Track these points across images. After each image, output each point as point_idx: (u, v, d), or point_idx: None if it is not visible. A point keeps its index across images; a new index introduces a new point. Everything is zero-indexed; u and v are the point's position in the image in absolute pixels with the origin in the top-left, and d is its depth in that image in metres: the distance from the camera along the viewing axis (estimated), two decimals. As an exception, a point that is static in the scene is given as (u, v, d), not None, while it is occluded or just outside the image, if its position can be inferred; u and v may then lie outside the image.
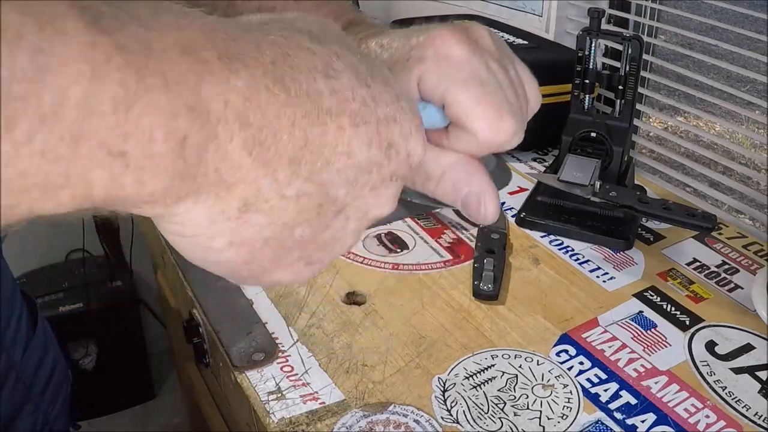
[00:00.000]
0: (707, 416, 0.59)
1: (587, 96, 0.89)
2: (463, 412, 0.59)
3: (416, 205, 0.94)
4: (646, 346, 0.67)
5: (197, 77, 0.24)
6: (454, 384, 0.62)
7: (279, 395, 0.60)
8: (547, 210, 0.87)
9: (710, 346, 0.67)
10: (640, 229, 0.86)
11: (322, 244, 0.29)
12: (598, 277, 0.77)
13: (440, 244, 0.83)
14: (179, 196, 0.25)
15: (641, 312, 0.72)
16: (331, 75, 0.27)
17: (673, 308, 0.72)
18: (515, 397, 0.61)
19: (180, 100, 0.23)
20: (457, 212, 0.90)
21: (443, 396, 0.61)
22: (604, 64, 1.11)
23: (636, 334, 0.68)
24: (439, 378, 0.63)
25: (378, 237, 0.84)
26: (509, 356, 0.65)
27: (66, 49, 0.21)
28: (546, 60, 1.05)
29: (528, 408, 0.60)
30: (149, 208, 0.26)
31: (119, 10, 0.23)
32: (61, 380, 0.72)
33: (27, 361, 0.65)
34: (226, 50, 0.25)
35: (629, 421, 0.59)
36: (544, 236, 0.85)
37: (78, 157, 0.22)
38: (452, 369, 0.64)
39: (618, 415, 0.59)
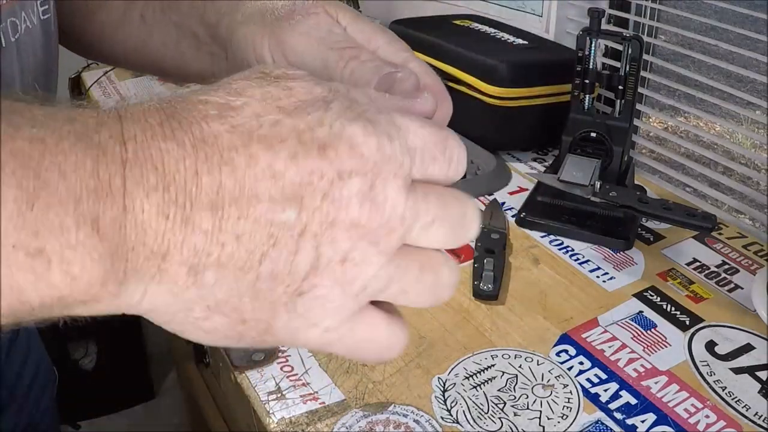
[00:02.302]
0: (707, 416, 0.59)
1: (587, 96, 0.89)
2: (463, 412, 0.59)
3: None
4: (646, 346, 0.67)
5: (93, 160, 0.24)
6: (454, 384, 0.62)
7: (279, 395, 0.60)
8: (547, 210, 0.87)
9: (710, 346, 0.67)
10: (640, 229, 0.86)
11: (302, 269, 0.27)
12: (598, 277, 0.77)
13: (440, 244, 0.83)
14: (118, 279, 0.25)
15: (641, 312, 0.72)
16: (227, 114, 0.27)
17: (673, 308, 0.72)
18: (515, 397, 0.61)
19: (80, 185, 0.24)
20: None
21: (443, 396, 0.61)
22: (604, 64, 1.11)
23: (636, 334, 0.68)
24: (439, 378, 0.63)
25: (378, 237, 0.84)
26: (509, 356, 0.65)
27: None
28: (546, 60, 1.05)
29: (528, 408, 0.60)
30: (98, 304, 0.26)
31: (15, 115, 0.24)
32: (46, 380, 0.72)
33: (10, 364, 0.65)
34: (116, 129, 0.25)
35: (629, 421, 0.59)
36: (544, 236, 0.85)
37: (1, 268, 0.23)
38: (452, 369, 0.64)
39: (618, 415, 0.59)
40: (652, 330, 0.69)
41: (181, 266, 0.26)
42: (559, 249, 0.82)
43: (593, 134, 0.87)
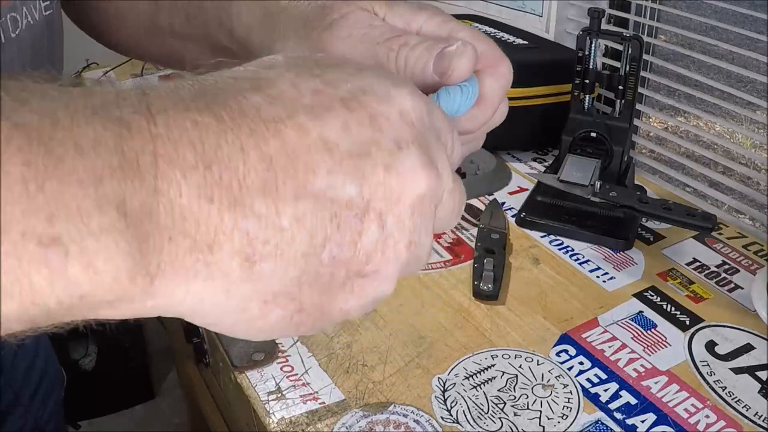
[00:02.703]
0: (707, 416, 0.59)
1: (587, 96, 0.89)
2: (463, 412, 0.59)
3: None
4: (646, 346, 0.67)
5: (115, 136, 0.21)
6: (454, 384, 0.62)
7: (279, 395, 0.60)
8: (547, 210, 0.87)
9: (710, 346, 0.67)
10: (640, 229, 0.86)
11: (367, 252, 0.25)
12: (598, 277, 0.77)
13: (440, 244, 0.83)
14: (151, 275, 0.22)
15: (641, 312, 0.72)
16: (262, 87, 0.24)
17: (673, 308, 0.72)
18: (515, 397, 0.61)
19: (102, 162, 0.20)
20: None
21: (443, 396, 0.61)
22: (604, 64, 1.11)
23: (636, 334, 0.68)
24: (439, 378, 0.63)
25: (378, 237, 0.84)
26: (509, 356, 0.65)
27: None
28: (546, 60, 1.05)
29: (528, 408, 0.60)
30: (129, 304, 0.22)
31: (21, 91, 0.21)
32: (53, 383, 0.71)
33: (16, 366, 0.65)
34: (139, 103, 0.22)
35: (629, 421, 0.59)
36: (544, 236, 0.85)
37: (6, 260, 0.19)
38: (452, 369, 0.64)
39: (618, 415, 0.59)
40: (652, 330, 0.69)
41: (233, 257, 0.23)
42: (559, 249, 0.82)
43: (593, 134, 0.87)
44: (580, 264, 0.79)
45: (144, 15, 0.51)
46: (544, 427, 0.58)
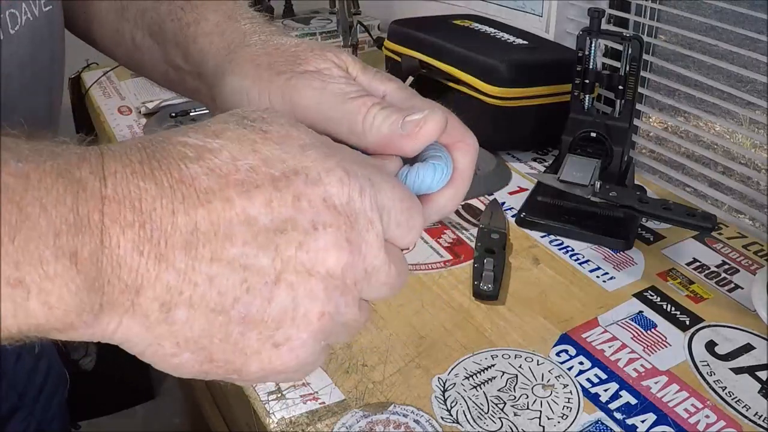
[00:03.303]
0: (707, 416, 0.59)
1: (587, 96, 0.89)
2: (463, 412, 0.59)
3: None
4: (646, 346, 0.67)
5: (73, 196, 0.25)
6: (454, 384, 0.62)
7: (279, 395, 0.60)
8: (547, 210, 0.87)
9: (710, 346, 0.67)
10: (640, 229, 0.86)
11: (276, 318, 0.28)
12: (598, 277, 0.77)
13: (440, 244, 0.83)
14: (94, 311, 0.26)
15: (641, 312, 0.72)
16: (204, 157, 0.27)
17: (673, 308, 0.72)
18: (515, 397, 0.61)
19: (59, 220, 0.25)
20: (457, 212, 0.90)
21: (443, 396, 0.61)
22: (604, 64, 1.11)
23: (636, 334, 0.68)
24: (439, 378, 0.63)
25: (378, 237, 0.84)
26: (509, 356, 0.65)
27: None
28: (546, 60, 1.05)
29: (528, 408, 0.60)
30: (73, 332, 0.27)
31: (2, 150, 0.25)
32: (57, 384, 0.71)
33: (19, 368, 0.64)
34: (97, 165, 0.26)
35: (629, 421, 0.59)
36: (544, 236, 0.85)
37: None
38: (452, 369, 0.64)
39: (618, 415, 0.59)
40: (652, 330, 0.69)
41: (153, 302, 0.27)
42: (559, 249, 0.82)
43: (593, 134, 0.87)
44: (580, 264, 0.79)
45: (108, 24, 0.52)
46: (544, 427, 0.58)
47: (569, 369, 0.64)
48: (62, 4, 0.54)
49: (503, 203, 0.92)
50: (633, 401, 0.61)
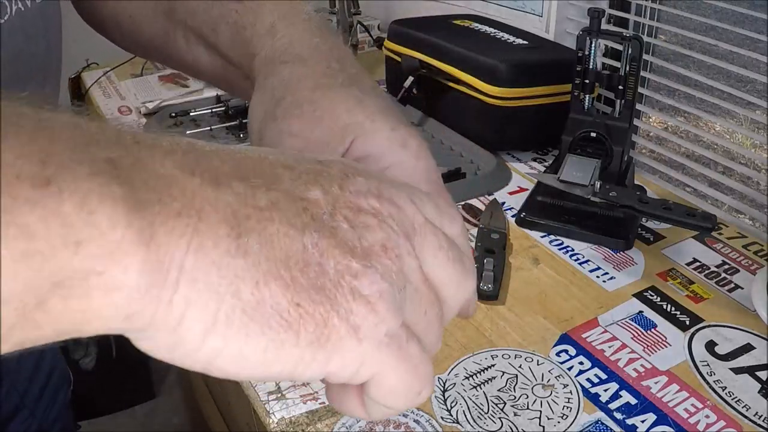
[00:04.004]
0: (707, 416, 0.59)
1: (587, 96, 0.89)
2: (463, 412, 0.59)
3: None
4: (646, 346, 0.67)
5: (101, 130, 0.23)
6: (454, 384, 0.62)
7: (279, 395, 0.60)
8: (547, 210, 0.87)
9: (710, 346, 0.67)
10: (640, 229, 0.86)
11: (345, 248, 0.26)
12: (598, 277, 0.77)
13: (440, 244, 0.83)
14: (146, 234, 0.22)
15: (641, 312, 0.72)
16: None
17: (673, 308, 0.72)
18: (515, 397, 0.61)
19: (90, 130, 0.22)
20: (457, 212, 0.90)
21: (443, 396, 0.61)
22: (604, 64, 1.11)
23: (636, 334, 0.68)
24: (439, 378, 0.63)
25: (378, 237, 0.84)
26: (509, 356, 0.65)
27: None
28: (546, 60, 1.05)
29: (528, 408, 0.60)
30: (122, 277, 0.21)
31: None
32: (59, 384, 0.70)
33: (21, 368, 0.64)
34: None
35: (629, 421, 0.59)
36: (544, 236, 0.85)
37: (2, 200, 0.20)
38: (452, 369, 0.64)
39: (618, 415, 0.59)
40: (652, 330, 0.69)
41: (220, 225, 0.23)
42: (559, 249, 0.82)
43: (593, 134, 0.87)
44: (580, 264, 0.79)
45: (158, 27, 0.50)
46: (544, 427, 0.58)
47: (569, 369, 0.64)
48: (103, 11, 0.53)
49: (503, 203, 0.92)
50: (633, 401, 0.61)
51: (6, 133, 0.20)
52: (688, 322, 0.70)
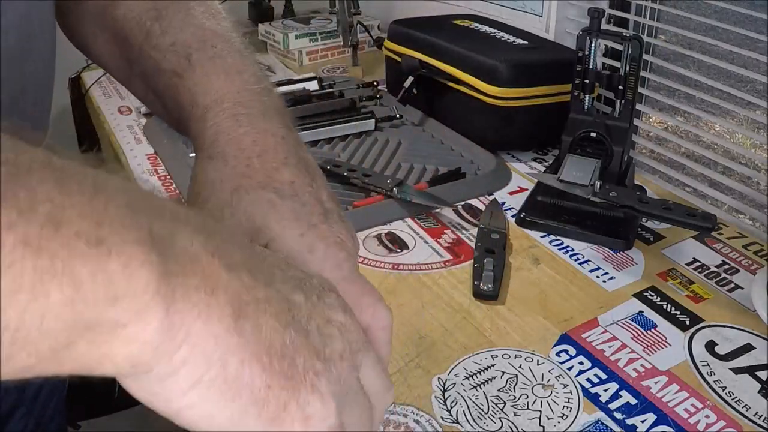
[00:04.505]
0: (707, 416, 0.59)
1: (587, 96, 0.89)
2: (463, 412, 0.59)
3: (416, 205, 0.94)
4: (646, 346, 0.67)
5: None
6: (454, 384, 0.62)
7: (279, 395, 0.60)
8: (547, 210, 0.87)
9: (710, 346, 0.67)
10: (640, 229, 0.86)
11: (313, 351, 0.30)
12: (598, 277, 0.77)
13: (440, 244, 0.83)
14: (168, 294, 0.25)
15: (641, 312, 0.72)
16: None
17: (673, 308, 0.72)
18: (515, 397, 0.61)
19: (132, 197, 0.26)
20: (457, 212, 0.90)
21: (443, 396, 0.61)
22: (604, 64, 1.11)
23: (636, 334, 0.68)
24: (439, 378, 0.63)
25: (378, 237, 0.84)
26: (509, 356, 0.65)
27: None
28: (546, 60, 1.05)
29: (528, 408, 0.60)
30: (146, 326, 0.25)
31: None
32: (55, 383, 0.71)
33: None
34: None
35: (629, 421, 0.59)
36: (544, 236, 0.85)
37: (59, 251, 0.23)
38: (452, 369, 0.64)
39: (618, 415, 0.59)
40: (652, 330, 0.69)
41: (227, 305, 0.27)
42: (559, 249, 0.82)
43: (593, 134, 0.87)
44: (580, 264, 0.79)
45: (121, 73, 0.53)
46: (544, 427, 0.58)
47: (569, 369, 0.64)
48: (74, 41, 0.56)
49: (503, 203, 0.92)
50: (633, 401, 0.61)
51: (71, 191, 0.24)
52: (688, 322, 0.70)
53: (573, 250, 0.82)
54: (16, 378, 0.24)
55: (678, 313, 0.72)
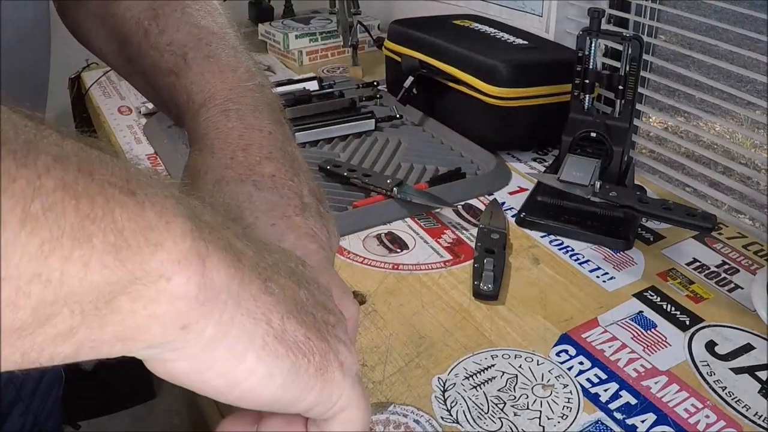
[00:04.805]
0: (707, 416, 0.59)
1: (587, 96, 0.89)
2: (463, 412, 0.59)
3: (416, 205, 0.94)
4: (646, 346, 0.67)
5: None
6: (454, 384, 0.62)
7: (279, 395, 0.60)
8: (547, 210, 0.87)
9: (710, 346, 0.67)
10: (640, 229, 0.86)
11: (322, 304, 0.33)
12: (598, 277, 0.77)
13: (440, 244, 0.83)
14: (203, 249, 0.26)
15: (641, 312, 0.72)
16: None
17: (673, 308, 0.72)
18: (515, 397, 0.61)
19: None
20: (457, 212, 0.90)
21: (443, 396, 0.61)
22: (604, 64, 1.11)
23: (636, 334, 0.68)
24: (439, 378, 0.63)
25: (378, 237, 0.84)
26: (509, 356, 0.65)
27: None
28: (546, 60, 1.05)
29: (528, 408, 0.60)
30: (185, 273, 0.25)
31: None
32: (53, 380, 0.71)
33: None
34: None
35: (629, 421, 0.59)
36: (544, 236, 0.85)
37: (96, 197, 0.23)
38: (452, 369, 0.64)
39: (618, 415, 0.59)
40: (652, 330, 0.69)
41: (253, 268, 0.28)
42: (559, 249, 0.82)
43: (593, 134, 0.87)
44: (580, 264, 0.79)
45: (120, 69, 0.55)
46: (544, 427, 0.58)
47: (569, 369, 0.64)
48: (77, 36, 0.57)
49: (503, 203, 0.92)
50: (633, 401, 0.61)
51: (91, 160, 0.23)
52: (688, 322, 0.70)
53: (573, 250, 0.82)
54: (54, 349, 0.23)
55: (678, 313, 0.72)
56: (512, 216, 0.88)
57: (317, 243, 0.40)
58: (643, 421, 0.59)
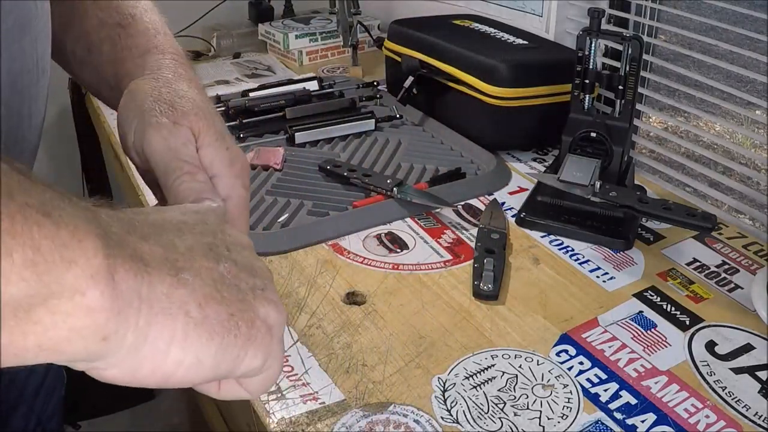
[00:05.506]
0: (707, 416, 0.59)
1: (587, 96, 0.89)
2: (463, 412, 0.59)
3: (416, 205, 0.94)
4: (646, 346, 0.67)
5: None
6: (454, 384, 0.62)
7: (279, 395, 0.60)
8: (547, 210, 0.87)
9: (710, 346, 0.67)
10: (640, 229, 0.86)
11: (246, 268, 0.36)
12: (598, 277, 0.77)
13: (440, 244, 0.83)
14: (120, 265, 0.29)
15: (641, 312, 0.72)
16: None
17: (673, 308, 0.72)
18: (515, 397, 0.61)
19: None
20: (457, 212, 0.90)
21: (443, 396, 0.61)
22: (604, 64, 1.11)
23: (636, 334, 0.68)
24: (439, 378, 0.63)
25: (378, 237, 0.84)
26: (509, 356, 0.65)
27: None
28: (546, 60, 1.05)
29: (528, 408, 0.60)
30: (102, 283, 0.28)
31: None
32: (56, 381, 0.71)
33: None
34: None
35: (629, 421, 0.59)
36: (544, 236, 0.85)
37: (14, 218, 0.26)
38: (452, 369, 0.64)
39: (618, 415, 0.59)
40: (652, 330, 0.69)
41: (162, 266, 0.31)
42: (559, 249, 0.82)
43: (593, 134, 0.87)
44: (580, 264, 0.79)
45: (54, 36, 0.57)
46: (544, 427, 0.58)
47: (569, 369, 0.64)
48: None
49: (503, 203, 0.92)
50: (633, 401, 0.61)
51: (11, 183, 0.26)
52: (688, 322, 0.70)
53: (573, 250, 0.82)
54: None
55: (678, 313, 0.72)
56: (512, 216, 0.88)
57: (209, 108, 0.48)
58: (643, 421, 0.59)
